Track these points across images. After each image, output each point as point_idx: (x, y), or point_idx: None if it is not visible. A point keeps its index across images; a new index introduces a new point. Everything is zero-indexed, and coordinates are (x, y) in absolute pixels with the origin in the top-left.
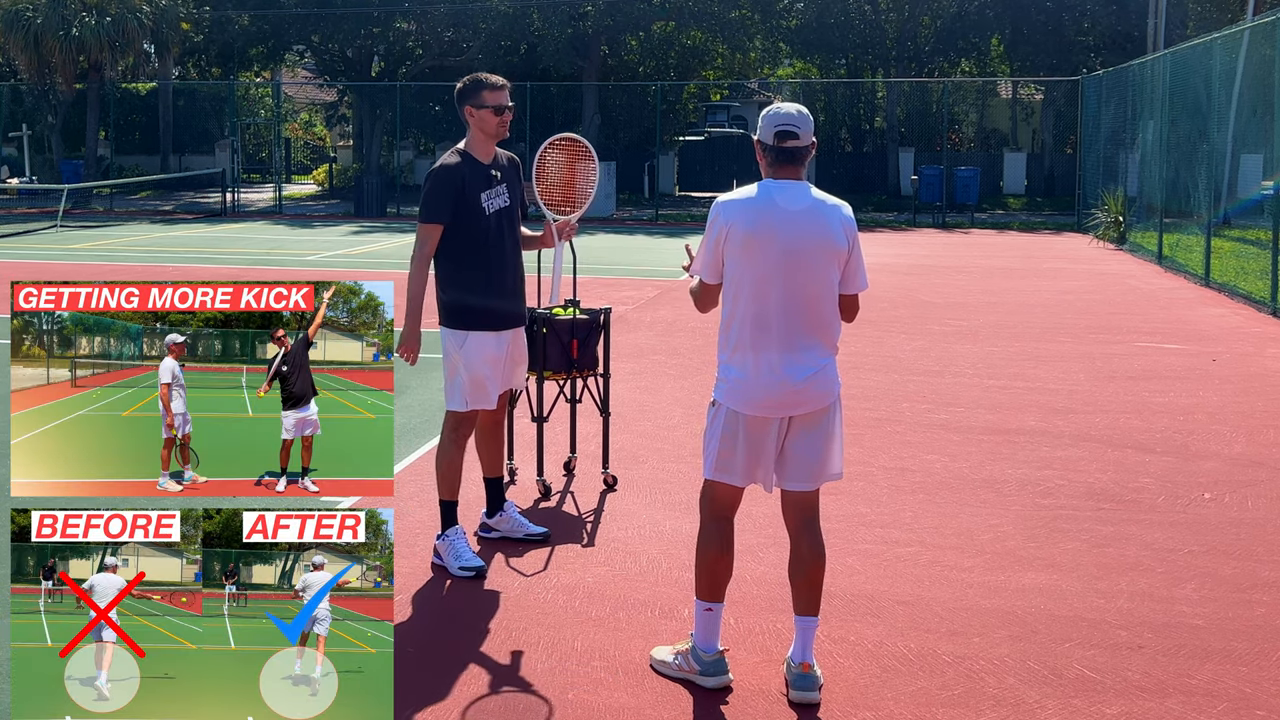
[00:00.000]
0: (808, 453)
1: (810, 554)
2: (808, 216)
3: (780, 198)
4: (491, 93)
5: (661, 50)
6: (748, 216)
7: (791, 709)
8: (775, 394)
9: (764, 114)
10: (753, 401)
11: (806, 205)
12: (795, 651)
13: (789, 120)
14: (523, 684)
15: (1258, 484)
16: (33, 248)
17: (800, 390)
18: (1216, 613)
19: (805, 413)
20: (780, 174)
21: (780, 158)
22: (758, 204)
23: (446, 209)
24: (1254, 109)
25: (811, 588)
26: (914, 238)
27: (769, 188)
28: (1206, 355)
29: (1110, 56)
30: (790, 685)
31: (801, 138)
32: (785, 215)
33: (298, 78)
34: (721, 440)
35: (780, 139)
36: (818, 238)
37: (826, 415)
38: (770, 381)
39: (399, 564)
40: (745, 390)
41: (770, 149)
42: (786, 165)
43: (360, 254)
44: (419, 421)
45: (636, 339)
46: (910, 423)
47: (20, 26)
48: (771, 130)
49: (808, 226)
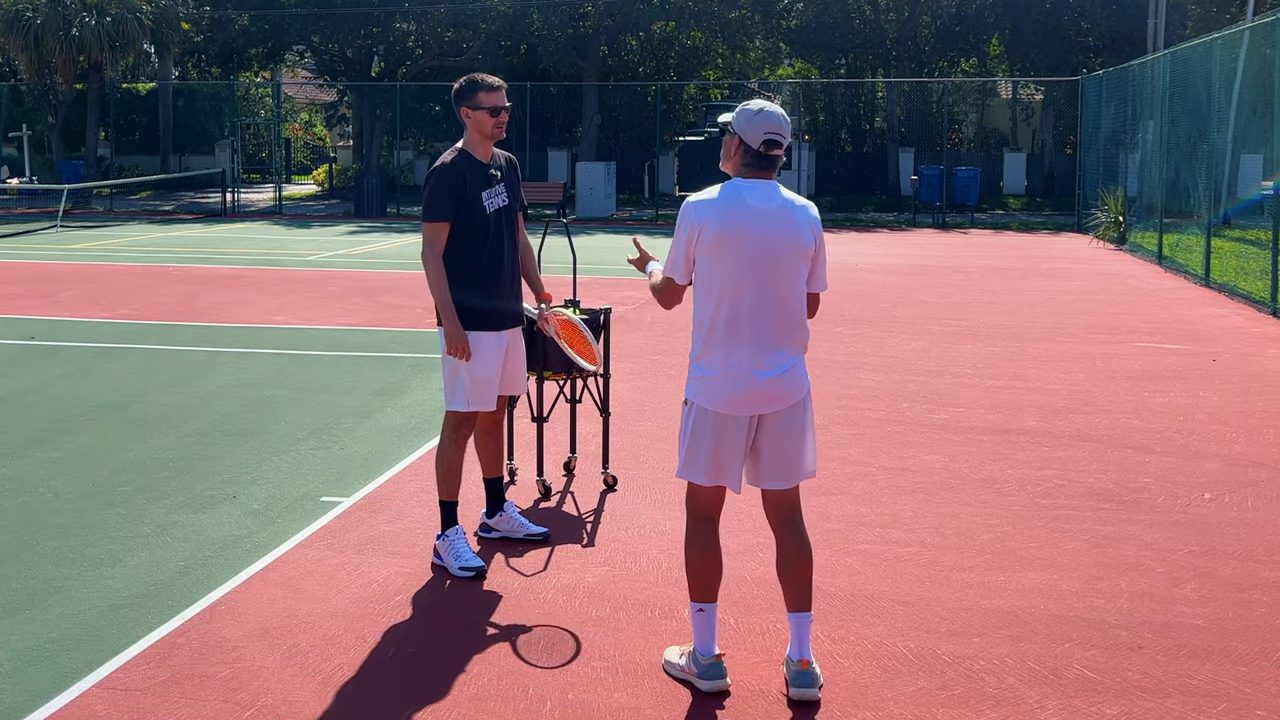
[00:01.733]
0: (780, 451)
1: (796, 551)
2: (777, 216)
3: (750, 197)
4: (488, 94)
5: (661, 50)
6: (718, 216)
7: (791, 709)
8: (745, 391)
9: (746, 110)
10: (722, 399)
11: (776, 205)
12: (793, 649)
13: (778, 129)
14: (523, 684)
15: (1258, 484)
16: (33, 248)
17: (769, 388)
18: (1216, 613)
19: (774, 410)
20: (752, 174)
21: (759, 162)
22: (728, 203)
23: (451, 207)
24: (1254, 109)
25: (801, 584)
26: (914, 238)
27: (739, 187)
28: (1206, 355)
29: (1110, 56)
30: (790, 683)
31: (784, 146)
32: (755, 214)
33: (298, 78)
34: (692, 439)
35: (767, 147)
36: (787, 237)
37: (796, 413)
38: (740, 379)
39: (399, 564)
40: (716, 388)
41: (752, 152)
42: (762, 168)
43: (360, 254)
44: (419, 421)
45: (636, 339)
46: (910, 423)
47: (20, 26)
48: (760, 136)
49: (777, 226)
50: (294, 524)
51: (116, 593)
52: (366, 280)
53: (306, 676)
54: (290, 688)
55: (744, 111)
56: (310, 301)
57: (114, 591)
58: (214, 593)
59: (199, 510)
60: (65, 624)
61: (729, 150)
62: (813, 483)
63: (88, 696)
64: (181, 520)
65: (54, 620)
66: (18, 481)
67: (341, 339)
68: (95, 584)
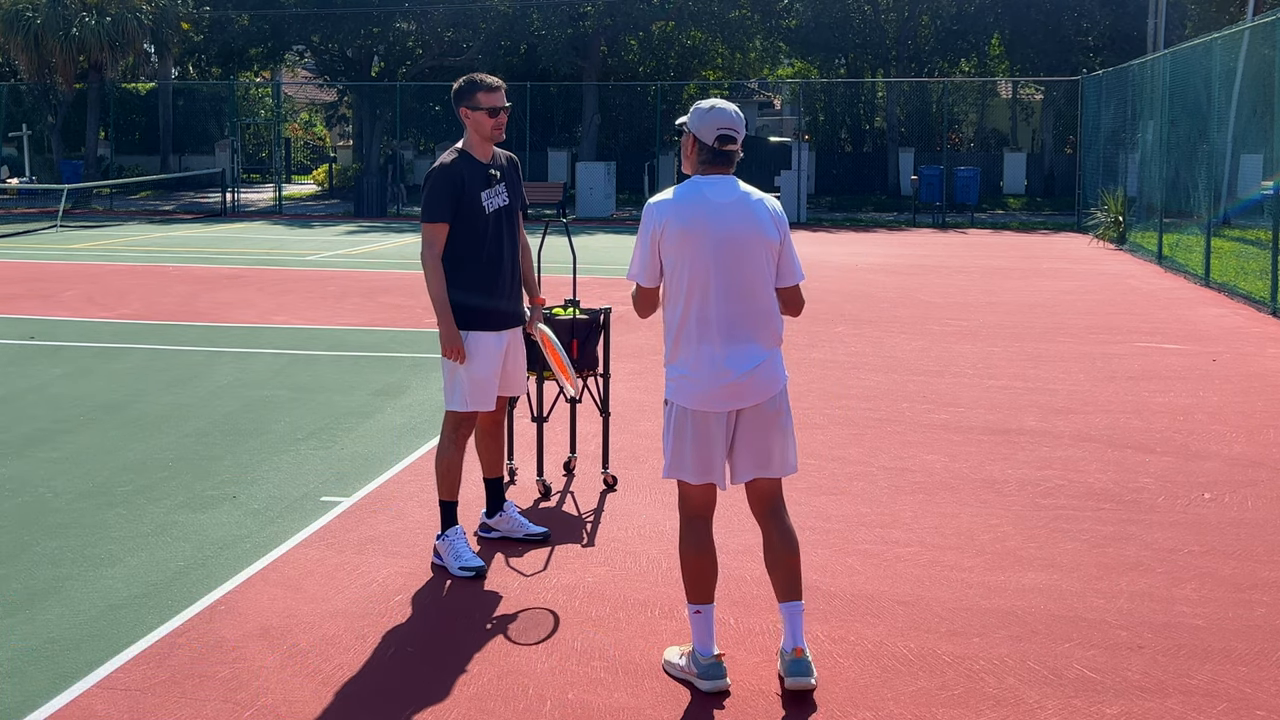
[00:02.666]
0: (757, 445)
1: (782, 542)
2: (736, 208)
3: (710, 191)
4: (487, 94)
5: (661, 50)
6: (679, 212)
7: (790, 708)
8: (719, 387)
9: (698, 109)
10: (697, 396)
11: (735, 198)
12: (786, 639)
13: (731, 124)
14: (523, 684)
15: (1258, 484)
16: (33, 248)
17: (743, 383)
18: (1216, 613)
19: (752, 404)
20: (710, 171)
21: (715, 158)
22: (688, 199)
23: (450, 208)
24: (1254, 109)
25: (790, 574)
26: (914, 238)
27: (698, 184)
28: (1206, 355)
29: (1110, 56)
30: (785, 673)
31: (738, 141)
32: (715, 208)
33: (298, 78)
34: (675, 438)
35: (721, 142)
36: (747, 228)
37: (772, 406)
38: (713, 374)
39: (399, 564)
40: (690, 385)
41: (707, 149)
42: (718, 164)
43: (360, 254)
44: (419, 421)
45: (636, 339)
46: (910, 423)
47: (20, 26)
48: (713, 133)
49: (737, 217)
50: (294, 524)
51: (116, 593)
52: (366, 280)
53: (306, 676)
54: (290, 688)
55: (697, 110)
56: (310, 301)
57: (114, 591)
58: (214, 593)
59: (199, 510)
60: (65, 624)
61: (686, 150)
62: (813, 483)
63: (88, 696)
64: (181, 520)
65: (54, 620)
66: (18, 481)
67: (341, 339)
68: (95, 584)
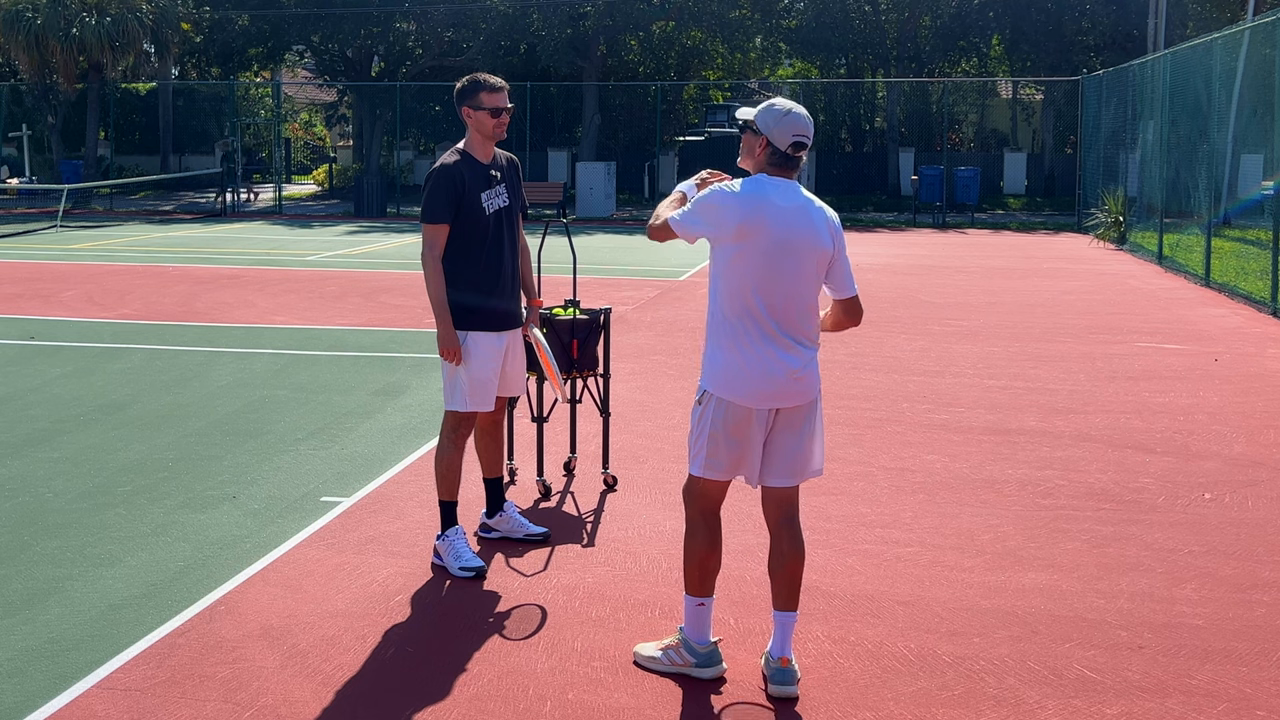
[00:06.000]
0: (791, 449)
1: (790, 550)
2: (798, 214)
3: (774, 194)
4: (489, 94)
5: (661, 50)
6: (744, 205)
7: (790, 708)
8: (767, 384)
9: (773, 110)
10: (744, 391)
11: (798, 203)
12: (774, 646)
13: (807, 131)
14: (523, 684)
15: (1258, 484)
16: (33, 248)
17: (791, 382)
18: (1216, 613)
19: (791, 406)
20: (776, 173)
21: (785, 162)
22: (754, 197)
23: (450, 208)
24: (1254, 109)
25: (791, 583)
26: (914, 238)
27: (763, 184)
28: (1207, 355)
29: (1110, 56)
30: (769, 680)
31: (808, 147)
32: (777, 210)
33: (298, 78)
34: (711, 433)
35: (795, 148)
36: (806, 234)
37: (810, 410)
38: (762, 371)
39: (399, 564)
40: (737, 380)
41: (779, 153)
42: (787, 168)
43: (360, 254)
44: (419, 421)
45: (636, 339)
46: (910, 423)
47: (20, 26)
48: (789, 139)
49: (797, 223)
50: (294, 524)
51: (116, 593)
52: (366, 280)
53: (306, 676)
54: (290, 688)
55: (771, 111)
56: (310, 301)
57: (114, 591)
58: (214, 593)
59: (199, 510)
60: (65, 624)
61: (752, 148)
62: (813, 482)
63: (88, 696)
64: (181, 520)
65: (54, 620)
66: (18, 481)
67: (341, 339)
68: (95, 584)
